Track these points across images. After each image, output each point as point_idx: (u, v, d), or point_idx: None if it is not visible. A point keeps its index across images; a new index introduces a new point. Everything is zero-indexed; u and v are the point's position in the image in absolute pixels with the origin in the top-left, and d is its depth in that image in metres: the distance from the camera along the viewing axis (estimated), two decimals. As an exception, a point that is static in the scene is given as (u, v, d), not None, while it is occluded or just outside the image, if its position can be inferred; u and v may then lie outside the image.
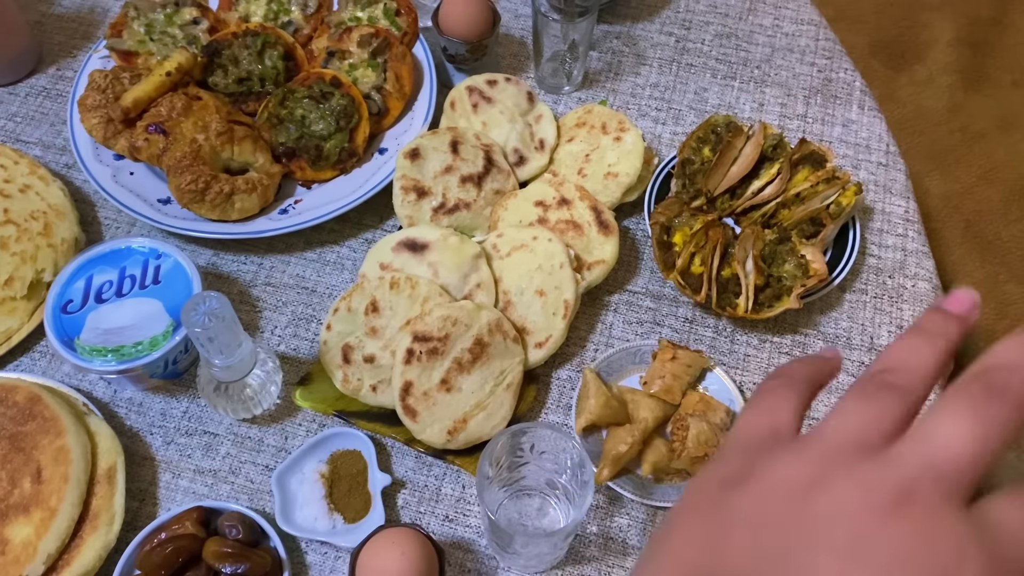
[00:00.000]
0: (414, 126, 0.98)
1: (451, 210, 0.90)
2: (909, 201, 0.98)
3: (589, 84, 1.06)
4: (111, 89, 0.93)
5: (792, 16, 1.13)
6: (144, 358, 0.78)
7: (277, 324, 0.89)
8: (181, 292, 0.82)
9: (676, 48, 1.10)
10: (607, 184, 0.92)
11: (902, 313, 0.90)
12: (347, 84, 0.94)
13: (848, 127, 1.04)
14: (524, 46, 1.09)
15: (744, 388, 0.85)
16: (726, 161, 0.92)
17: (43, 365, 0.86)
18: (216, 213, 0.89)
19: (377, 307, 0.82)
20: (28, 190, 0.92)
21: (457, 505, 0.80)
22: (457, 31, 0.99)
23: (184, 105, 0.91)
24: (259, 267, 0.92)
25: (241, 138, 0.91)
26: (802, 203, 0.90)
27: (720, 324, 0.89)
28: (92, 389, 0.85)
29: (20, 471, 0.74)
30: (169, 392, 0.85)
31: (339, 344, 0.83)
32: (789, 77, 1.08)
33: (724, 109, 1.05)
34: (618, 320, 0.90)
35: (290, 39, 1.00)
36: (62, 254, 0.89)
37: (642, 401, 0.80)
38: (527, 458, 0.73)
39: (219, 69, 0.97)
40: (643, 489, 0.78)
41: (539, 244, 0.86)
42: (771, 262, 0.86)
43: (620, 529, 0.78)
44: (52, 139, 1.01)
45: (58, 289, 0.81)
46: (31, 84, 1.06)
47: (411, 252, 0.85)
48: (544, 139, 0.96)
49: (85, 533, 0.73)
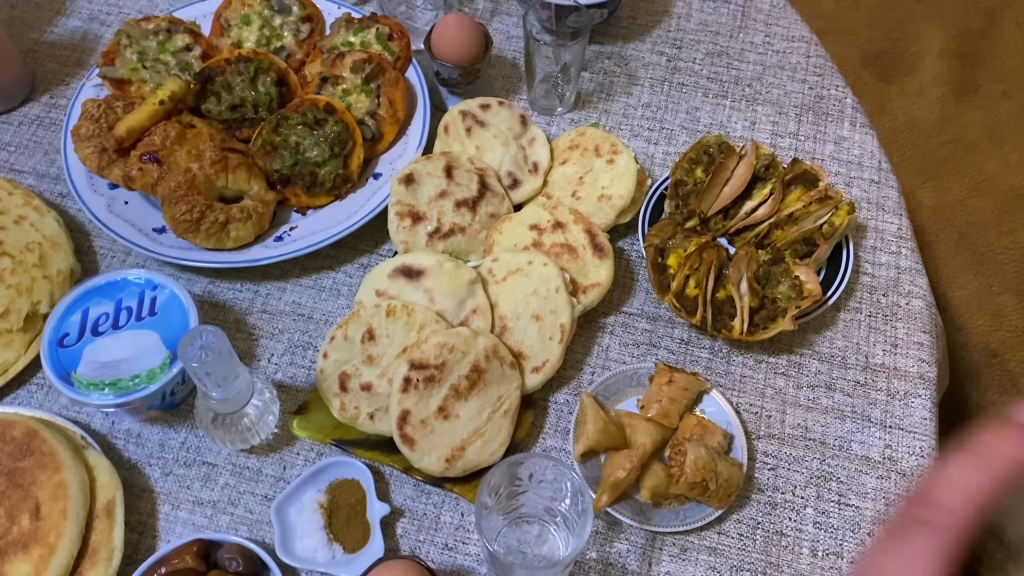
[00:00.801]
0: (408, 151, 0.98)
1: (446, 235, 0.90)
2: (902, 218, 0.99)
3: (581, 105, 1.07)
4: (104, 118, 0.93)
5: (783, 33, 1.13)
6: (142, 391, 0.78)
7: (273, 352, 0.89)
8: (178, 324, 0.82)
9: (667, 68, 1.10)
10: (601, 206, 0.93)
11: (896, 331, 0.91)
12: (341, 110, 0.95)
13: (840, 144, 1.04)
14: (516, 68, 1.10)
15: (740, 409, 0.86)
16: (719, 182, 0.92)
17: (40, 398, 0.86)
18: (211, 242, 0.89)
19: (374, 335, 0.82)
20: (23, 221, 0.92)
21: (456, 533, 0.80)
22: (450, 55, 0.99)
23: (178, 134, 0.91)
24: (255, 295, 0.92)
25: (236, 166, 0.91)
26: (795, 223, 0.90)
27: (716, 345, 0.90)
28: (90, 421, 0.85)
29: (18, 507, 0.74)
30: (167, 423, 0.85)
31: (336, 372, 0.83)
32: (781, 95, 1.08)
33: (716, 128, 1.05)
34: (614, 342, 0.90)
35: (283, 65, 1.00)
36: (58, 285, 0.89)
37: (640, 425, 0.80)
38: (525, 487, 0.74)
39: (212, 96, 0.98)
40: (642, 514, 0.78)
41: (534, 268, 0.86)
42: (765, 283, 0.87)
43: (619, 555, 0.78)
44: (46, 168, 1.02)
45: (54, 323, 0.81)
46: (24, 113, 1.06)
47: (407, 279, 0.86)
48: (538, 162, 0.96)
49: (84, 569, 0.73)
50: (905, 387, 0.87)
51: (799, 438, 0.84)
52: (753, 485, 0.82)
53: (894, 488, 0.82)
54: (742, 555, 0.79)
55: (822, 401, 0.87)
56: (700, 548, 0.79)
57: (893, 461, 0.83)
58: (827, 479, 0.82)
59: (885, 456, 0.84)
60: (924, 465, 0.83)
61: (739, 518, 0.80)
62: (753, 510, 0.81)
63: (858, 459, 0.83)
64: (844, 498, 0.81)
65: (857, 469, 0.83)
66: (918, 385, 0.88)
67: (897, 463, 0.83)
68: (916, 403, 0.86)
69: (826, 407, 0.86)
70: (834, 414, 0.86)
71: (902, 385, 0.88)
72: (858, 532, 0.80)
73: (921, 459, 0.83)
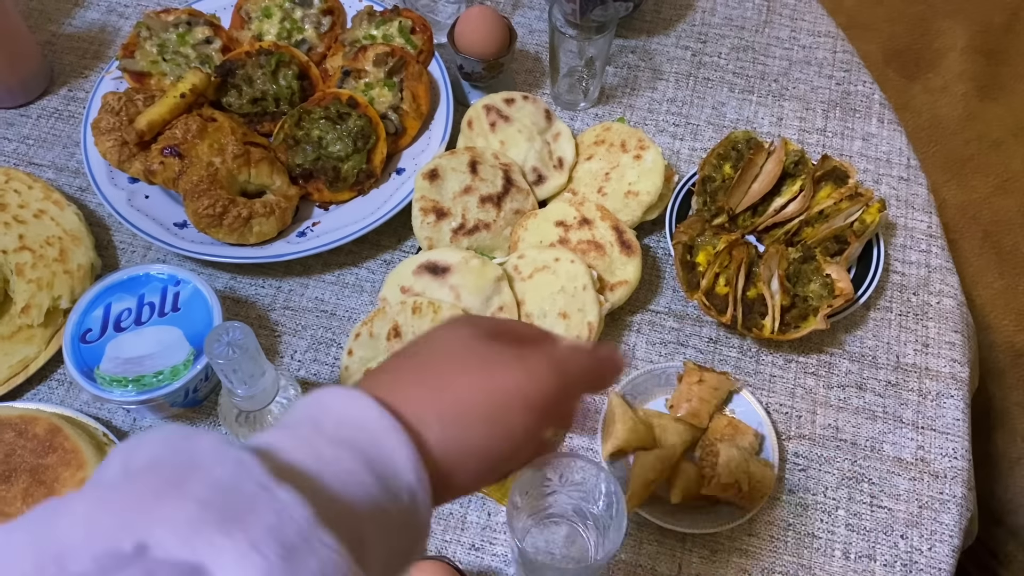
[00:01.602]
0: (431, 146, 0.97)
1: (471, 231, 0.89)
2: (932, 216, 0.97)
3: (605, 100, 1.05)
4: (125, 111, 0.92)
5: (809, 28, 1.12)
6: (165, 388, 0.77)
7: (297, 349, 0.88)
8: (201, 319, 0.81)
9: (693, 62, 1.09)
10: (628, 203, 0.91)
11: (927, 331, 0.90)
12: (364, 104, 0.93)
13: (868, 141, 1.03)
14: (540, 62, 1.08)
15: (771, 409, 0.85)
16: (747, 178, 0.91)
17: (61, 394, 0.85)
18: (234, 237, 0.88)
19: (399, 332, 0.81)
20: (43, 215, 0.91)
21: (483, 533, 0.79)
22: (473, 49, 0.98)
23: (199, 127, 0.90)
24: (277, 291, 0.91)
25: (258, 160, 0.90)
26: (825, 220, 0.89)
27: (745, 344, 0.88)
28: (111, 418, 0.84)
29: (42, 505, 0.73)
30: (189, 420, 0.84)
31: (361, 370, 0.82)
32: (807, 90, 1.07)
33: (742, 124, 1.04)
34: (641, 341, 0.89)
35: (304, 58, 0.99)
36: (78, 280, 0.88)
37: (669, 425, 0.79)
38: (555, 487, 0.72)
39: (233, 89, 0.96)
40: (672, 515, 0.77)
41: (561, 265, 0.85)
42: (796, 281, 0.85)
43: (649, 556, 0.77)
44: (65, 162, 1.00)
45: (76, 318, 0.80)
46: (43, 106, 1.05)
47: (432, 275, 0.85)
48: (563, 157, 0.95)
49: (108, 568, 0.72)
50: (937, 387, 0.86)
51: (830, 439, 0.83)
52: (784, 486, 0.81)
53: (927, 490, 0.81)
54: (773, 557, 0.77)
55: (853, 401, 0.85)
56: (731, 550, 0.78)
57: (926, 462, 0.82)
58: (859, 480, 0.81)
59: (918, 457, 0.82)
60: (958, 467, 0.82)
61: (770, 519, 0.79)
62: (784, 511, 0.80)
63: (890, 460, 0.82)
64: (876, 500, 0.80)
65: (889, 470, 0.82)
66: (950, 385, 0.86)
67: (930, 464, 0.82)
68: (948, 403, 0.85)
69: (857, 407, 0.85)
70: (865, 414, 0.85)
71: (934, 385, 0.86)
72: (891, 534, 0.78)
73: (954, 460, 0.82)
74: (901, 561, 0.77)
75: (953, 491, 0.81)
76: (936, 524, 0.79)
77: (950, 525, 0.79)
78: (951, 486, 0.81)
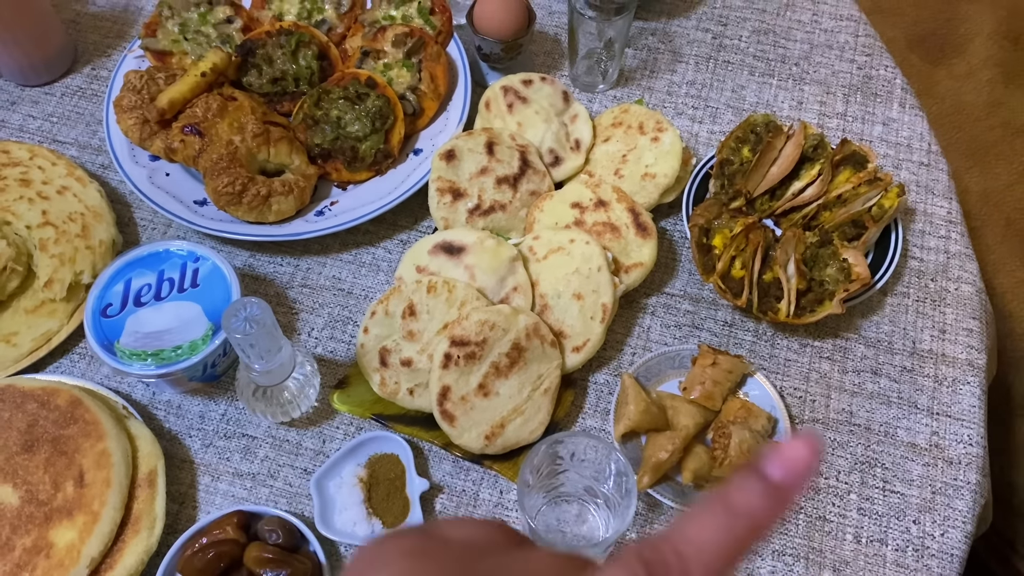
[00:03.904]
0: (449, 127, 0.97)
1: (487, 212, 0.89)
2: (951, 202, 0.96)
3: (624, 82, 1.05)
4: (146, 90, 0.93)
5: (831, 12, 1.11)
6: (184, 362, 0.78)
7: (314, 326, 0.89)
8: (220, 296, 0.82)
9: (713, 45, 1.08)
10: (644, 185, 0.91)
11: (945, 317, 0.89)
12: (382, 85, 0.94)
13: (889, 126, 1.02)
14: (558, 44, 1.08)
15: (785, 393, 0.84)
16: (766, 162, 0.90)
17: (82, 367, 0.87)
18: (253, 215, 0.89)
19: (414, 311, 0.82)
20: (66, 192, 0.92)
21: (495, 511, 0.79)
22: (492, 30, 0.98)
23: (219, 106, 0.91)
24: (295, 269, 0.92)
25: (277, 139, 0.91)
26: (843, 205, 0.88)
27: (760, 328, 0.88)
28: (131, 391, 0.85)
29: (63, 475, 0.74)
30: (207, 395, 0.85)
31: (376, 347, 0.83)
32: (828, 74, 1.06)
33: (762, 107, 1.03)
34: (656, 323, 0.89)
35: (324, 38, 1.00)
36: (100, 256, 0.89)
37: (682, 407, 0.79)
38: (566, 465, 0.73)
39: (253, 69, 0.97)
40: (683, 496, 0.77)
41: (576, 247, 0.85)
42: (813, 265, 0.85)
43: (660, 536, 0.77)
44: (88, 139, 1.02)
45: (97, 293, 0.82)
46: (67, 84, 1.06)
47: (448, 255, 0.85)
48: (580, 139, 0.95)
49: (127, 537, 0.74)
50: (953, 374, 0.86)
51: (844, 423, 0.83)
52: (796, 470, 0.81)
53: (940, 476, 0.80)
54: (784, 540, 0.78)
55: (868, 386, 0.85)
56: (741, 532, 0.78)
57: (940, 448, 0.82)
58: (872, 465, 0.81)
59: (932, 443, 0.82)
60: (972, 453, 0.81)
61: (781, 503, 0.79)
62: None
63: (904, 446, 0.82)
64: (889, 484, 0.80)
65: (903, 456, 0.81)
66: (967, 372, 0.86)
67: (944, 451, 0.82)
68: (965, 390, 0.85)
69: (872, 392, 0.85)
70: (880, 400, 0.84)
71: (950, 372, 0.86)
72: (903, 519, 0.78)
73: (969, 447, 0.82)
74: (913, 546, 0.77)
75: (967, 477, 0.80)
76: (949, 510, 0.79)
77: (963, 511, 0.79)
78: (965, 472, 0.80)
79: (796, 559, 0.77)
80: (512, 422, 0.79)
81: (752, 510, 0.26)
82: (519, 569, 0.27)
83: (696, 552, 0.25)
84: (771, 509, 0.26)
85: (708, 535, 0.25)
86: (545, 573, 0.27)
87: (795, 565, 0.76)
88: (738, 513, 0.26)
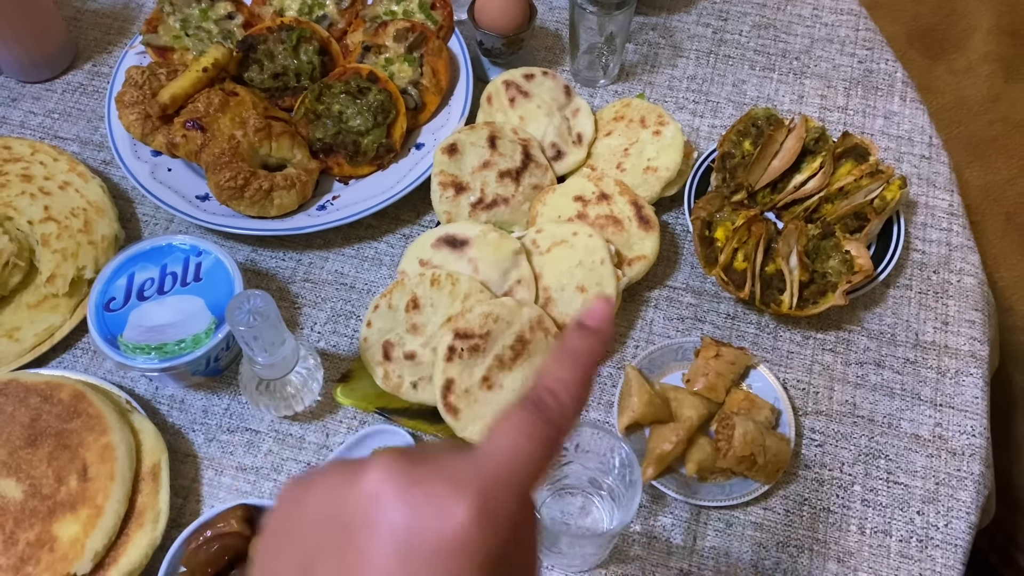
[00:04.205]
0: (451, 121, 0.97)
1: (489, 205, 0.89)
2: (953, 195, 0.96)
3: (625, 77, 1.05)
4: (148, 85, 0.93)
5: (831, 6, 1.11)
6: (187, 356, 0.78)
7: (316, 320, 0.89)
8: (223, 289, 0.82)
9: (713, 39, 1.08)
10: (647, 178, 0.91)
11: (947, 309, 0.89)
12: (384, 79, 0.94)
13: (890, 119, 1.02)
14: (559, 39, 1.08)
15: (788, 385, 0.84)
16: (767, 155, 0.90)
17: (85, 362, 0.87)
18: (255, 210, 0.89)
19: (418, 304, 0.82)
20: (68, 187, 0.92)
21: (499, 503, 0.79)
22: (493, 24, 0.98)
23: (221, 101, 0.91)
24: (297, 263, 0.92)
25: (279, 134, 0.91)
26: (845, 197, 0.88)
27: (762, 320, 0.88)
28: (134, 386, 0.85)
29: (66, 468, 0.74)
30: (211, 389, 0.85)
31: (380, 341, 0.83)
32: (829, 68, 1.06)
33: (763, 101, 1.03)
34: (659, 316, 0.89)
35: (325, 33, 1.00)
36: (102, 251, 0.89)
37: (685, 399, 0.80)
38: (571, 457, 0.73)
39: (254, 64, 0.97)
40: (687, 488, 0.77)
41: (579, 240, 0.85)
42: (815, 258, 0.85)
43: (664, 528, 0.78)
44: (89, 135, 1.02)
45: (100, 287, 0.82)
46: (68, 80, 1.06)
47: (451, 248, 0.85)
48: (582, 133, 0.95)
49: (131, 531, 0.74)
50: (956, 365, 0.86)
51: (847, 415, 0.83)
52: (800, 461, 0.81)
53: (944, 467, 0.80)
54: (788, 531, 0.78)
55: (871, 378, 0.85)
56: (746, 523, 0.78)
57: (943, 440, 0.82)
58: (875, 457, 0.81)
59: (935, 434, 0.82)
60: (976, 444, 0.82)
61: (785, 494, 0.79)
62: (800, 486, 0.80)
63: (907, 437, 0.82)
64: (893, 476, 0.80)
65: (906, 447, 0.81)
66: (969, 363, 0.86)
67: (947, 442, 0.82)
68: (967, 382, 0.85)
69: (875, 384, 0.85)
70: (883, 391, 0.84)
71: (953, 363, 0.86)
72: (907, 510, 0.78)
73: (972, 438, 0.82)
74: (917, 537, 0.77)
75: (971, 468, 0.80)
76: (953, 501, 0.79)
77: (967, 502, 0.79)
78: (969, 463, 0.81)
79: (801, 550, 0.77)
80: (516, 415, 0.79)
81: (584, 347, 0.36)
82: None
83: (561, 385, 0.35)
84: (596, 343, 0.37)
85: (564, 372, 0.35)
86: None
87: (800, 556, 0.76)
88: (575, 351, 0.36)
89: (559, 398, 0.34)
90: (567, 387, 0.35)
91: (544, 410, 0.34)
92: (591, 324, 0.37)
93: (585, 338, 0.37)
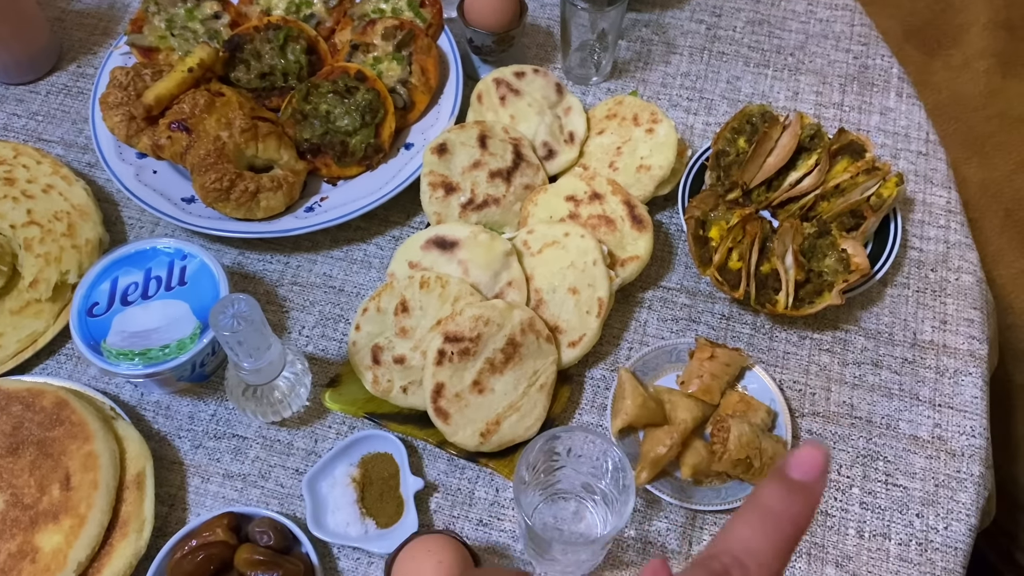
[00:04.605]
0: (440, 120, 0.96)
1: (480, 206, 0.88)
2: (951, 191, 0.95)
3: (618, 74, 1.04)
4: (133, 86, 0.92)
5: (826, 1, 1.10)
6: (171, 361, 0.77)
7: (304, 324, 0.87)
8: (208, 293, 0.80)
9: (707, 36, 1.07)
10: (639, 177, 0.90)
11: (945, 307, 0.88)
12: (372, 78, 0.92)
13: (886, 115, 1.01)
14: (551, 36, 1.07)
15: (784, 386, 0.83)
16: (762, 152, 0.89)
17: (68, 368, 0.85)
18: (241, 212, 0.87)
19: (407, 307, 0.80)
20: (51, 190, 0.91)
21: (491, 509, 0.78)
22: (483, 22, 0.97)
23: (207, 102, 0.89)
24: (285, 266, 0.91)
25: (265, 135, 0.89)
26: (841, 195, 0.87)
27: (758, 320, 0.87)
28: (119, 392, 0.84)
29: (49, 477, 0.73)
30: (197, 395, 0.83)
31: (368, 345, 0.81)
32: (824, 64, 1.04)
33: (757, 98, 1.02)
34: (652, 317, 0.87)
35: (312, 32, 0.98)
36: (86, 255, 0.88)
37: (680, 401, 0.78)
38: (563, 462, 0.72)
39: (241, 64, 0.96)
40: (682, 492, 0.76)
41: (571, 240, 0.84)
42: (811, 256, 0.84)
43: (659, 533, 0.76)
44: (74, 137, 1.00)
45: (83, 292, 0.80)
46: (52, 82, 1.05)
47: (441, 250, 0.84)
48: (574, 132, 0.94)
49: (115, 540, 0.72)
50: (955, 365, 0.84)
51: (845, 416, 0.82)
52: (797, 464, 0.79)
53: (943, 468, 0.79)
54: (785, 535, 0.76)
55: (868, 378, 0.84)
56: (742, 528, 0.76)
57: (943, 440, 0.80)
58: (874, 458, 0.80)
59: (934, 435, 0.81)
60: (975, 445, 0.80)
61: (782, 497, 0.78)
62: (797, 490, 0.78)
63: (906, 438, 0.81)
64: (891, 478, 0.79)
65: (905, 448, 0.80)
66: (968, 363, 0.84)
67: (947, 442, 0.80)
68: (966, 381, 0.83)
69: (872, 385, 0.83)
70: (881, 392, 0.83)
71: (952, 363, 0.84)
72: (906, 513, 0.77)
73: (972, 438, 0.80)
74: (916, 540, 0.76)
75: (970, 469, 0.79)
76: (953, 503, 0.77)
77: (967, 504, 0.77)
78: (968, 464, 0.79)
79: (798, 555, 0.75)
80: (507, 419, 0.78)
81: (785, 507, 0.28)
82: None
83: (752, 555, 0.27)
84: (802, 504, 0.28)
85: (758, 539, 0.28)
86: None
87: (797, 561, 0.75)
88: (777, 514, 0.28)
89: (747, 571, 0.27)
90: (761, 563, 0.27)
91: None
92: (798, 477, 0.29)
93: (790, 496, 0.28)
